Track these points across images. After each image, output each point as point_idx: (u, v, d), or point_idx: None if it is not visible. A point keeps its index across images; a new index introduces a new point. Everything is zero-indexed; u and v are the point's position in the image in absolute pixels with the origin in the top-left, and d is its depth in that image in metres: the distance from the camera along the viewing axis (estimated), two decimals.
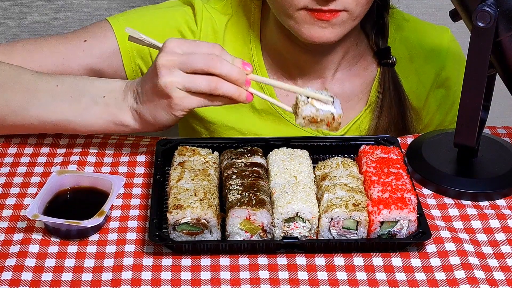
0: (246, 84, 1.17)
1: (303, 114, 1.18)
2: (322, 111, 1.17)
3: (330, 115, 1.17)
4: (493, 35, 1.15)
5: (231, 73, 1.15)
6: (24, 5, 1.97)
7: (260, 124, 1.48)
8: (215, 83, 1.15)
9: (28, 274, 1.07)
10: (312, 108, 1.17)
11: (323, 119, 1.18)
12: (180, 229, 1.10)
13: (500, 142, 1.34)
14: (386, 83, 1.47)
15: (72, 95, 1.24)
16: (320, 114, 1.17)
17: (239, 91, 1.16)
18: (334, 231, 1.11)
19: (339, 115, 1.18)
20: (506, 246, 1.14)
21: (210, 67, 1.15)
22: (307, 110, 1.17)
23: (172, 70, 1.15)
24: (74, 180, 1.19)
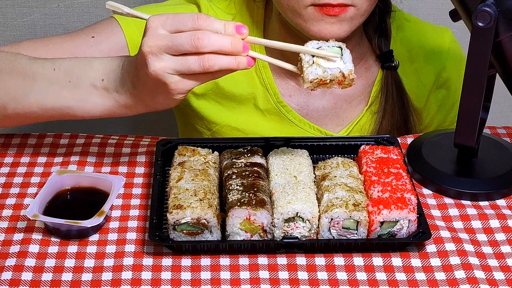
0: (244, 50, 1.08)
1: (309, 77, 1.07)
2: (330, 70, 1.07)
3: (339, 74, 1.07)
4: (493, 35, 1.15)
5: (223, 47, 1.06)
6: (24, 5, 1.97)
7: (264, 124, 1.47)
8: (208, 62, 1.06)
9: (28, 274, 1.07)
10: (318, 69, 1.07)
11: (332, 79, 1.07)
12: (180, 229, 1.10)
13: (500, 142, 1.34)
14: (389, 86, 1.47)
15: (70, 80, 1.18)
16: (329, 74, 1.07)
17: (237, 60, 1.07)
18: (334, 231, 1.11)
19: (350, 71, 1.08)
20: (506, 246, 1.14)
21: (199, 47, 1.05)
22: (313, 73, 1.07)
23: (160, 55, 1.07)
24: (74, 180, 1.19)
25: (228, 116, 1.47)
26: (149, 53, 1.07)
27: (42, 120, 1.25)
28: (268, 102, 1.45)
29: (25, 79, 1.20)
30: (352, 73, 1.07)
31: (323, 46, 1.09)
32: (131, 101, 1.16)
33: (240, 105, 1.45)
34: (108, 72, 1.16)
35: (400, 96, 1.47)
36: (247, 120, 1.47)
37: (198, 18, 1.06)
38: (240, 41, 1.07)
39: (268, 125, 1.47)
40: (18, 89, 1.21)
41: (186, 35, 1.06)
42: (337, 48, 1.09)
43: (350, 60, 1.08)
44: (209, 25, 1.06)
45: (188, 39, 1.05)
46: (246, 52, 1.07)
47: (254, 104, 1.45)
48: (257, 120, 1.47)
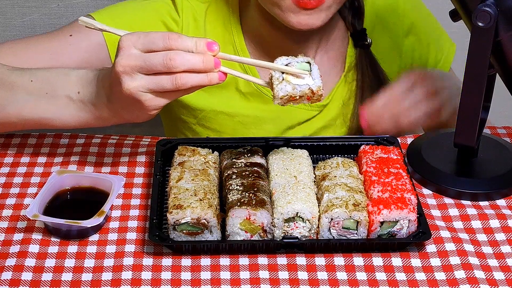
0: (216, 66, 1.09)
1: (279, 94, 1.09)
2: (299, 86, 1.09)
3: (308, 90, 1.09)
4: (493, 35, 1.15)
5: (195, 65, 1.08)
6: (24, 5, 1.97)
7: (248, 106, 1.48)
8: (181, 80, 1.08)
9: (28, 274, 1.07)
10: (288, 86, 1.09)
11: (302, 95, 1.09)
12: (180, 229, 1.10)
13: (500, 142, 1.34)
14: (363, 65, 1.49)
15: (47, 92, 1.21)
16: (298, 91, 1.09)
17: (209, 77, 1.09)
18: (334, 231, 1.11)
19: (319, 88, 1.09)
20: (506, 246, 1.14)
21: (171, 67, 1.08)
22: (283, 90, 1.09)
23: (133, 75, 1.09)
24: (74, 180, 1.19)
25: (212, 101, 1.48)
26: (123, 73, 1.09)
27: (21, 129, 1.29)
28: (249, 85, 1.47)
29: (3, 90, 1.23)
30: (321, 89, 1.09)
31: (292, 62, 1.11)
32: (107, 114, 1.18)
33: (223, 90, 1.47)
34: (84, 85, 1.18)
35: (376, 73, 1.49)
36: (231, 104, 1.48)
37: (170, 37, 1.08)
38: (211, 59, 1.09)
39: (252, 106, 1.48)
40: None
41: (158, 56, 1.08)
42: (306, 63, 1.11)
43: (318, 76, 1.10)
44: (181, 44, 1.08)
45: (161, 60, 1.07)
46: (217, 68, 1.09)
47: (236, 88, 1.47)
48: (240, 103, 1.48)
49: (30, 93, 1.21)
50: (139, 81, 1.09)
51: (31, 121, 1.23)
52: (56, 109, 1.20)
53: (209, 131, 1.50)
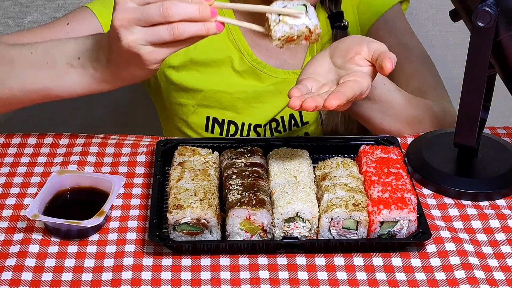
0: (212, 15, 1.09)
1: (277, 35, 1.09)
2: (297, 26, 1.09)
3: (306, 29, 1.10)
4: (493, 35, 1.15)
5: (191, 14, 1.08)
6: (24, 4, 1.97)
7: (244, 83, 1.50)
8: (178, 30, 1.09)
9: (28, 274, 1.07)
10: (285, 26, 1.09)
11: (299, 35, 1.10)
12: (180, 229, 1.10)
13: (500, 142, 1.34)
14: None
15: (48, 61, 1.23)
16: (296, 30, 1.09)
17: (206, 26, 1.09)
18: (334, 231, 1.11)
19: (316, 26, 1.10)
20: (506, 246, 1.14)
21: (167, 17, 1.08)
22: (280, 30, 1.09)
23: (131, 28, 1.10)
24: (74, 180, 1.19)
25: (209, 81, 1.49)
26: (120, 26, 1.09)
27: (25, 103, 1.29)
28: (243, 63, 1.48)
29: (4, 65, 1.24)
30: (318, 28, 1.10)
31: (288, 5, 1.10)
32: (108, 76, 1.19)
33: (219, 69, 1.49)
34: (83, 50, 1.20)
35: None
36: (228, 82, 1.50)
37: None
38: (207, 8, 1.09)
39: (249, 83, 1.50)
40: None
41: (154, 6, 1.08)
42: (302, 6, 1.11)
43: (315, 16, 1.11)
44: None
45: (157, 10, 1.08)
46: (214, 17, 1.09)
47: (231, 66, 1.49)
48: (237, 81, 1.50)
49: (31, 65, 1.23)
50: (137, 34, 1.09)
51: (34, 93, 1.25)
52: (58, 77, 1.22)
53: (210, 110, 1.50)
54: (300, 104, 1.10)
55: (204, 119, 1.52)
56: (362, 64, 1.18)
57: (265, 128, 1.52)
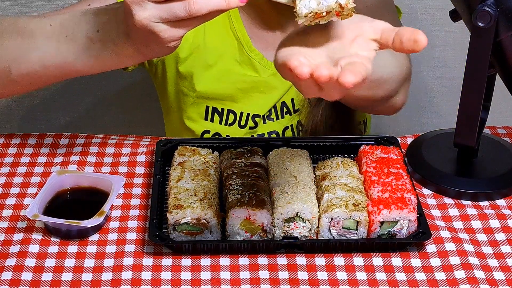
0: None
1: (303, 12, 0.96)
2: (325, 1, 0.96)
3: (336, 4, 0.95)
4: (493, 35, 1.15)
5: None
6: (24, 5, 1.97)
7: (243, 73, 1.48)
8: (195, 5, 0.98)
9: (28, 274, 1.08)
10: (312, 1, 0.96)
11: (329, 11, 0.96)
12: (180, 229, 1.10)
13: (500, 142, 1.34)
14: None
15: (67, 34, 1.16)
16: (324, 6, 0.96)
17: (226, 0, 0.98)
18: (334, 231, 1.11)
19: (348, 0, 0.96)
20: (506, 246, 1.14)
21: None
22: (306, 6, 0.96)
23: (143, 4, 1.01)
24: (74, 180, 1.19)
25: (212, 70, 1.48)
26: (132, 2, 1.02)
27: (45, 81, 1.24)
28: (242, 54, 1.47)
29: (24, 38, 1.20)
30: (350, 2, 0.95)
31: None
32: (129, 51, 1.11)
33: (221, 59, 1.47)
34: (102, 23, 1.13)
35: None
36: (228, 71, 1.48)
37: None
38: None
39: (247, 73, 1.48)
40: (19, 48, 1.20)
41: None
42: None
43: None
44: None
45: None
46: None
47: (232, 56, 1.47)
48: (236, 70, 1.49)
49: (49, 38, 1.17)
50: (150, 11, 1.01)
51: (53, 67, 1.19)
52: (77, 50, 1.15)
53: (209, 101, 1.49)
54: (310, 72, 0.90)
55: (204, 109, 1.51)
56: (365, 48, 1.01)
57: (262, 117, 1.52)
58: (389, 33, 0.98)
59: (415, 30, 0.97)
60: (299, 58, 0.94)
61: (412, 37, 0.96)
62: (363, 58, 0.95)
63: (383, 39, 0.99)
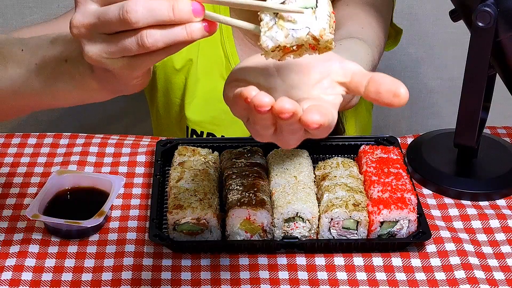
0: (195, 14, 0.79)
1: (269, 46, 0.78)
2: (296, 32, 0.77)
3: (308, 36, 0.77)
4: (493, 35, 1.15)
5: (162, 17, 0.79)
6: (24, 5, 1.97)
7: None
8: (147, 39, 0.80)
9: (28, 274, 1.07)
10: (279, 33, 0.77)
11: (301, 44, 0.78)
12: (180, 229, 1.10)
13: (500, 142, 1.34)
14: None
15: (36, 62, 0.98)
16: (293, 39, 0.78)
17: (188, 30, 0.79)
18: (334, 231, 1.11)
19: (322, 30, 0.77)
20: (506, 246, 1.14)
21: (130, 22, 0.79)
22: (273, 39, 0.78)
23: (91, 36, 0.83)
24: (74, 180, 1.19)
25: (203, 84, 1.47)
26: (78, 35, 0.84)
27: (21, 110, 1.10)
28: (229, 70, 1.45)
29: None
30: (326, 32, 0.77)
31: None
32: (94, 85, 0.93)
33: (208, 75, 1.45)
34: (70, 51, 0.94)
35: None
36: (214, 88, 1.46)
37: None
38: (186, 5, 0.79)
39: None
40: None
41: (113, 9, 0.80)
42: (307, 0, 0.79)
43: (326, 14, 0.78)
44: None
45: (116, 13, 0.80)
46: (198, 16, 0.79)
47: (219, 73, 1.46)
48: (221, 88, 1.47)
49: (20, 65, 1.00)
50: (99, 45, 0.83)
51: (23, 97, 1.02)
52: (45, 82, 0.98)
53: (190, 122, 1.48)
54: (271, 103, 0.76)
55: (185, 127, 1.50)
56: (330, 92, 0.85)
57: None
58: (360, 78, 0.83)
59: (395, 80, 0.81)
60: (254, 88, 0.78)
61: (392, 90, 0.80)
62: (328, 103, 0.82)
63: (352, 83, 0.84)
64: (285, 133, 0.79)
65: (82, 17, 0.83)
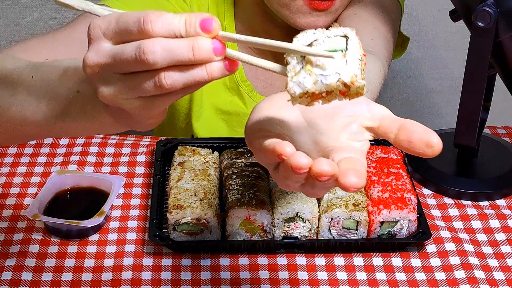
0: (216, 53, 0.73)
1: (296, 92, 0.73)
2: (325, 77, 0.72)
3: (338, 83, 0.72)
4: (493, 35, 1.15)
5: (180, 57, 0.74)
6: (24, 5, 1.97)
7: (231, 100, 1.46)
8: (166, 81, 0.75)
9: (28, 274, 1.07)
10: (308, 78, 0.72)
11: (330, 90, 0.72)
12: (180, 229, 1.10)
13: (500, 142, 1.34)
14: None
15: (47, 91, 0.92)
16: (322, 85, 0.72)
17: (208, 70, 0.74)
18: (334, 231, 1.11)
19: (353, 77, 0.72)
20: (506, 246, 1.14)
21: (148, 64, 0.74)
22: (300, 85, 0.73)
23: (106, 77, 0.78)
24: (74, 180, 1.19)
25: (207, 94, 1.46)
26: (92, 75, 0.79)
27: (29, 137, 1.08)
28: (232, 81, 1.45)
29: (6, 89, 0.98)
30: (357, 79, 0.72)
31: (320, 38, 0.74)
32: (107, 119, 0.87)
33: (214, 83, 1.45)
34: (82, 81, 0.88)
35: None
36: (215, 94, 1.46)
37: (145, 19, 0.74)
38: (206, 43, 0.74)
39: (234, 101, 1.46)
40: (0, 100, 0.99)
41: (129, 49, 0.75)
42: (341, 38, 0.74)
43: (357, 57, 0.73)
44: (161, 27, 0.74)
45: (132, 54, 0.75)
46: (220, 55, 0.74)
47: (222, 80, 1.45)
48: (223, 95, 1.47)
49: (30, 93, 0.95)
50: (114, 86, 0.78)
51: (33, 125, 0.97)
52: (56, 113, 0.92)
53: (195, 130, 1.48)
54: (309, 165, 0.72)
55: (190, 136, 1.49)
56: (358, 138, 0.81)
57: None
58: (389, 123, 0.79)
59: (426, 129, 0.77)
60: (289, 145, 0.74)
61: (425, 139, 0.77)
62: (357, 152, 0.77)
63: (381, 129, 0.80)
64: (317, 189, 0.76)
65: (96, 56, 0.78)
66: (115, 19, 0.77)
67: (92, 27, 0.78)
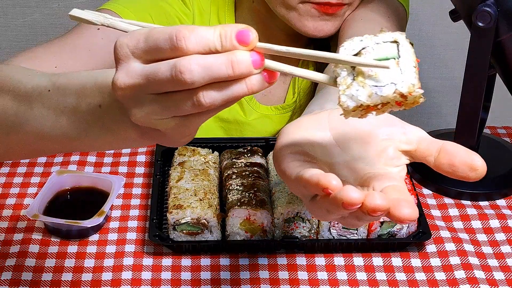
0: (255, 66, 0.69)
1: (349, 106, 0.68)
2: (380, 89, 0.68)
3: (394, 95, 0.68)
4: (493, 35, 1.15)
5: (220, 74, 0.69)
6: (24, 5, 1.97)
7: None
8: (204, 99, 0.70)
9: (28, 274, 1.08)
10: (362, 90, 0.68)
11: (386, 102, 0.68)
12: (180, 229, 1.10)
13: (500, 142, 1.34)
14: None
15: (66, 105, 0.86)
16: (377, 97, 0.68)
17: (248, 84, 0.70)
18: (334, 231, 1.11)
19: (411, 87, 0.68)
20: (506, 246, 1.14)
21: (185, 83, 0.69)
22: (353, 98, 0.68)
23: (138, 97, 0.73)
24: (74, 180, 1.19)
25: None
26: (123, 97, 0.74)
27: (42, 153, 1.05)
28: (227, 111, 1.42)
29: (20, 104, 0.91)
30: (415, 89, 0.68)
31: (368, 45, 0.69)
32: (133, 135, 0.81)
33: None
34: (104, 95, 0.82)
35: None
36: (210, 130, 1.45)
37: (178, 35, 0.69)
38: (245, 57, 0.69)
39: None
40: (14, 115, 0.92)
41: (164, 69, 0.70)
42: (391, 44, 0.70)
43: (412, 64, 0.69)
44: (196, 43, 0.69)
45: (167, 74, 0.70)
46: (258, 68, 0.70)
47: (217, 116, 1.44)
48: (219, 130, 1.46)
49: (47, 108, 0.88)
50: (148, 106, 0.73)
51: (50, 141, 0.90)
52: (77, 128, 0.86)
53: None
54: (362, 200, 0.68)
55: None
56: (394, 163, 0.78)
57: None
58: (428, 146, 0.76)
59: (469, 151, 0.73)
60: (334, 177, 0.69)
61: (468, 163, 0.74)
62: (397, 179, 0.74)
63: (419, 152, 0.78)
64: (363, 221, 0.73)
65: (126, 77, 0.73)
66: (144, 36, 0.72)
67: (119, 46, 0.73)
